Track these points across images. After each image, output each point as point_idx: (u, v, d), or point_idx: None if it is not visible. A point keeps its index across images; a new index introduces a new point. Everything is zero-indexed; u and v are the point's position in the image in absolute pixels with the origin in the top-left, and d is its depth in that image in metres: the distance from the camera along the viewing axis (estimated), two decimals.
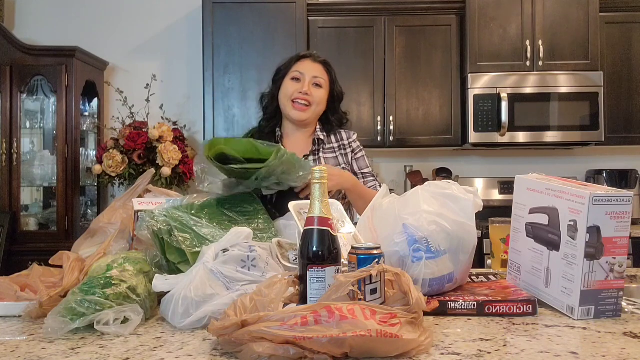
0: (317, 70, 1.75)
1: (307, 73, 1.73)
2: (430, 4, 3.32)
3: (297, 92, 1.71)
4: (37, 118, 3.35)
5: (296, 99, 1.71)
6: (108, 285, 0.98)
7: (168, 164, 3.14)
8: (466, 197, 1.13)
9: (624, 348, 0.84)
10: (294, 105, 1.72)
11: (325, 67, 1.77)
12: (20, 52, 3.13)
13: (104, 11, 3.64)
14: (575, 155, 3.62)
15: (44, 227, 3.27)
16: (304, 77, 1.72)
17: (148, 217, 1.18)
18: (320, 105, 1.75)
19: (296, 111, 1.72)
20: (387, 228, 1.13)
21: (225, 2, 3.23)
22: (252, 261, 1.04)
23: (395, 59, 3.30)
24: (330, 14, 3.32)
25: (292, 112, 1.73)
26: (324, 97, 1.76)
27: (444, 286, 1.10)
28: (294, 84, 1.73)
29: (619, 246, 0.99)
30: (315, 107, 1.74)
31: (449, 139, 3.31)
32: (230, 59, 3.23)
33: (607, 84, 3.24)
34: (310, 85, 1.72)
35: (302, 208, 1.31)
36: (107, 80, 3.56)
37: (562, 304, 1.04)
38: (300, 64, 1.76)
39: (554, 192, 1.07)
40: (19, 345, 0.88)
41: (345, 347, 0.76)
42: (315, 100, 1.73)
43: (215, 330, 0.82)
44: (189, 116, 3.55)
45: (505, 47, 3.24)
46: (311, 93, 1.71)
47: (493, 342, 0.87)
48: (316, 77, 1.73)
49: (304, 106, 1.72)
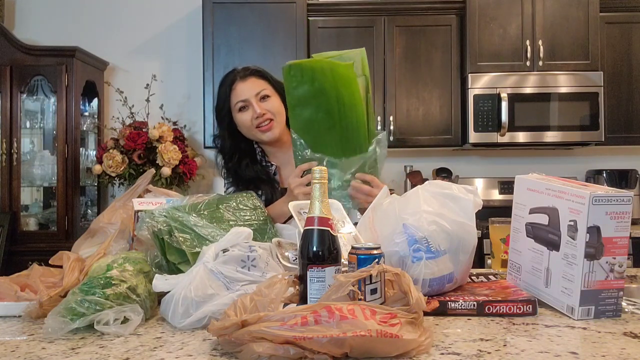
0: (254, 86, 1.62)
1: (248, 95, 1.61)
2: (430, 4, 3.32)
3: (255, 119, 1.60)
4: (37, 118, 3.35)
5: (258, 124, 1.61)
6: (108, 285, 0.98)
7: (168, 164, 3.14)
8: (466, 197, 1.13)
9: (624, 348, 0.84)
10: (260, 129, 1.62)
11: (258, 76, 1.65)
12: (20, 52, 3.13)
13: (104, 11, 3.64)
14: (575, 155, 3.62)
15: (44, 227, 3.27)
16: (249, 101, 1.61)
17: (148, 217, 1.18)
18: (281, 112, 1.64)
19: (265, 133, 1.62)
20: (387, 228, 1.13)
21: (225, 2, 3.23)
22: (252, 261, 1.04)
23: (395, 59, 3.30)
24: (330, 14, 3.32)
25: (263, 135, 1.62)
26: (279, 104, 1.64)
27: (444, 286, 1.10)
28: (245, 113, 1.62)
29: (619, 246, 0.99)
30: (278, 117, 1.63)
31: (449, 139, 3.31)
32: (230, 59, 3.23)
33: (607, 84, 3.24)
34: (259, 104, 1.61)
35: (302, 208, 1.31)
36: (107, 80, 3.56)
37: (562, 304, 1.04)
38: (234, 92, 1.63)
39: (554, 192, 1.07)
40: (19, 345, 0.88)
41: (345, 347, 0.76)
42: (274, 112, 1.62)
43: (215, 330, 0.82)
44: (189, 116, 3.55)
45: (505, 47, 3.24)
46: (266, 109, 1.61)
47: (493, 342, 0.87)
48: (258, 93, 1.61)
49: (269, 124, 1.61)
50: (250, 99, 1.61)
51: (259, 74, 1.66)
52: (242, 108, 1.63)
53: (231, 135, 1.68)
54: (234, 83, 1.64)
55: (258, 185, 1.63)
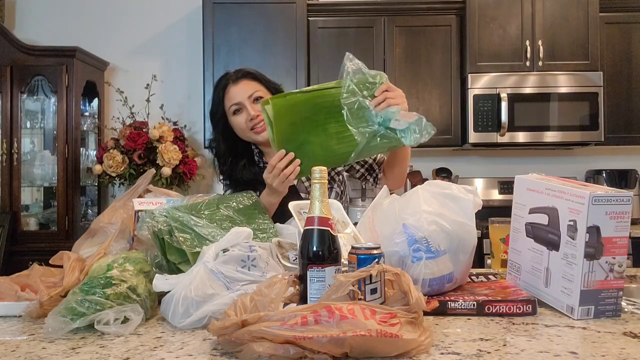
0: (246, 88, 1.63)
1: (241, 98, 1.61)
2: (430, 4, 3.32)
3: (249, 121, 1.61)
4: (38, 118, 3.35)
5: (253, 126, 1.62)
6: (108, 285, 0.98)
7: (168, 164, 3.14)
8: (466, 197, 1.13)
9: (624, 348, 0.84)
10: (255, 130, 1.62)
11: (250, 78, 1.66)
12: (20, 52, 3.13)
13: (104, 11, 3.64)
14: (575, 155, 3.62)
15: (44, 227, 3.27)
16: (242, 104, 1.62)
17: (148, 217, 1.18)
18: None
19: (260, 134, 1.62)
20: (387, 228, 1.13)
21: (225, 2, 3.23)
22: (252, 261, 1.04)
23: (395, 59, 3.30)
24: (330, 14, 3.32)
25: (258, 136, 1.63)
26: None
27: (444, 286, 1.10)
28: (240, 116, 1.63)
29: (619, 246, 0.99)
30: None
31: (449, 139, 3.31)
32: (230, 59, 3.23)
33: (606, 84, 3.24)
34: (253, 106, 1.61)
35: (302, 208, 1.31)
36: (108, 80, 3.56)
37: (561, 303, 1.04)
38: (228, 95, 1.64)
39: (553, 192, 1.07)
40: (19, 345, 0.88)
41: (345, 346, 0.76)
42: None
43: (216, 330, 0.82)
44: (189, 116, 3.55)
45: (505, 47, 3.24)
46: (259, 110, 1.59)
47: (493, 342, 0.87)
48: (251, 95, 1.62)
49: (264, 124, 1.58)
50: (243, 102, 1.62)
51: (251, 76, 1.66)
52: (236, 111, 1.63)
53: (226, 138, 1.69)
54: (227, 87, 1.64)
55: (256, 186, 1.63)
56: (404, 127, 1.36)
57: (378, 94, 1.39)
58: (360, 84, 1.38)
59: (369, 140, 1.37)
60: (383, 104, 1.38)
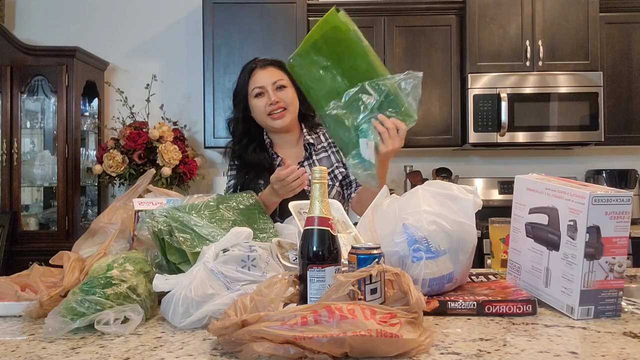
0: (272, 75, 1.70)
1: (265, 83, 1.69)
2: (430, 4, 3.32)
3: (268, 106, 1.68)
4: (38, 118, 3.35)
5: (271, 111, 1.68)
6: (108, 285, 0.98)
7: (168, 164, 3.14)
8: (466, 197, 1.13)
9: (624, 348, 0.84)
10: (272, 116, 1.69)
11: (277, 66, 1.73)
12: (20, 52, 3.13)
13: (104, 11, 3.64)
14: (575, 155, 3.62)
15: (44, 227, 3.27)
16: (265, 89, 1.69)
17: (148, 217, 1.18)
18: (294, 104, 1.72)
19: (276, 120, 1.69)
20: (387, 228, 1.13)
21: (225, 2, 3.23)
22: (252, 261, 1.04)
23: (395, 59, 3.30)
24: None
25: (274, 122, 1.70)
26: (293, 95, 1.72)
27: (444, 286, 1.11)
28: (260, 100, 1.69)
29: (619, 246, 0.99)
30: (291, 107, 1.71)
31: (449, 139, 3.31)
32: (230, 59, 3.23)
33: (606, 84, 3.24)
34: (275, 92, 1.68)
35: (302, 208, 1.31)
36: (108, 80, 3.56)
37: (561, 303, 1.04)
38: (253, 79, 1.71)
39: (553, 192, 1.07)
40: (19, 345, 0.88)
41: (345, 346, 0.76)
42: (287, 102, 1.70)
43: (216, 330, 0.82)
44: (189, 116, 3.55)
45: (505, 47, 3.24)
46: (280, 98, 1.69)
47: (493, 342, 0.87)
48: (275, 82, 1.69)
49: (281, 112, 1.69)
50: (266, 86, 1.69)
51: (278, 64, 1.74)
52: (258, 94, 1.70)
53: (244, 119, 1.76)
54: (254, 70, 1.72)
55: (260, 172, 1.70)
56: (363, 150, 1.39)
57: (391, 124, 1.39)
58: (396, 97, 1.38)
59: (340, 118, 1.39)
60: (378, 127, 1.39)
